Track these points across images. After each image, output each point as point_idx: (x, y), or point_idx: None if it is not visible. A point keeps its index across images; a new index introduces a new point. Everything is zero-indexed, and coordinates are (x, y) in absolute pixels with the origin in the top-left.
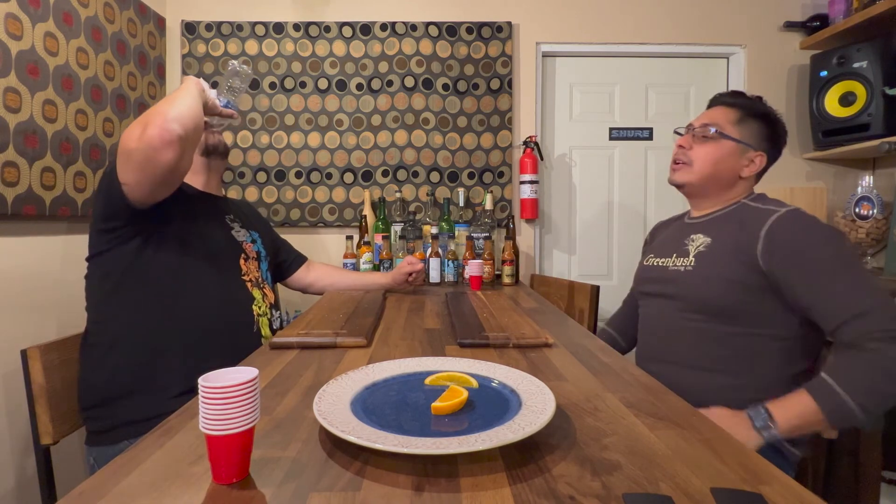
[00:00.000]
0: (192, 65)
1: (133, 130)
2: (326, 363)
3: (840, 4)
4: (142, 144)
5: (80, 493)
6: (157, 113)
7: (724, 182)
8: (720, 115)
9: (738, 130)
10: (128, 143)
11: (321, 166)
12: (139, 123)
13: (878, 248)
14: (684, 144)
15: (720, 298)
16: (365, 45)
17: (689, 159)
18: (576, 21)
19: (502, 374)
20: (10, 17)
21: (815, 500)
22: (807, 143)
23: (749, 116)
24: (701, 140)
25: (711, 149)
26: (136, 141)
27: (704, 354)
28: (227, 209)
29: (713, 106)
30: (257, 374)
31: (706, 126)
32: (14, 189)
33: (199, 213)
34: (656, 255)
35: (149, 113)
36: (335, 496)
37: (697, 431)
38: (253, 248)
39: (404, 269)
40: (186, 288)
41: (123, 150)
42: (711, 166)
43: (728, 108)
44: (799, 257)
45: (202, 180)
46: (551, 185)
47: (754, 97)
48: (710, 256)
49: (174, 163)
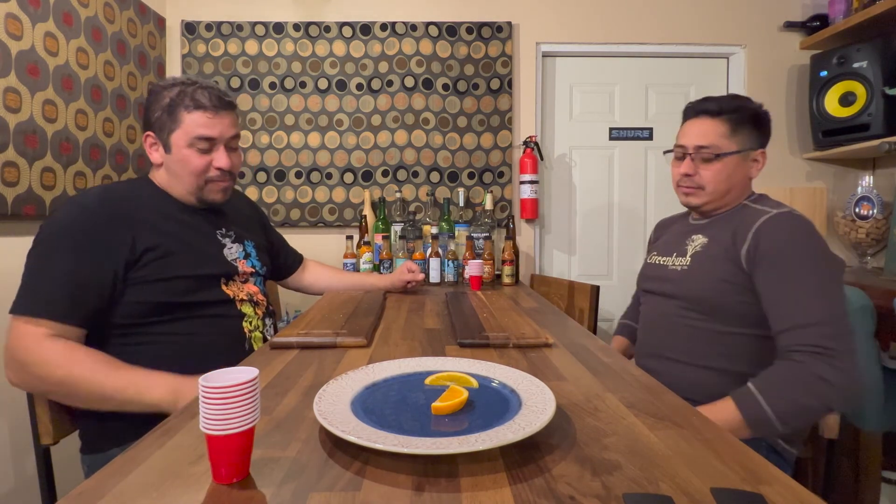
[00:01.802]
0: (191, 65)
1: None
2: (326, 363)
3: (840, 4)
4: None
5: (80, 493)
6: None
7: (737, 190)
8: (710, 131)
9: (734, 142)
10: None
11: (321, 166)
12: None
13: (878, 248)
14: (690, 172)
15: (713, 298)
16: (365, 45)
17: (699, 184)
18: (576, 21)
19: (502, 374)
20: (10, 17)
21: (815, 500)
22: (807, 143)
23: (739, 123)
24: (703, 163)
25: (718, 167)
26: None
27: (701, 352)
28: (218, 223)
29: (696, 117)
30: (257, 374)
31: (702, 148)
32: (14, 189)
33: (185, 242)
34: (659, 254)
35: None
36: (335, 496)
37: (697, 431)
38: (247, 265)
39: (405, 276)
40: (173, 324)
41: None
42: (725, 183)
43: (713, 119)
44: (771, 259)
45: (191, 199)
46: (551, 185)
47: (733, 99)
48: (704, 257)
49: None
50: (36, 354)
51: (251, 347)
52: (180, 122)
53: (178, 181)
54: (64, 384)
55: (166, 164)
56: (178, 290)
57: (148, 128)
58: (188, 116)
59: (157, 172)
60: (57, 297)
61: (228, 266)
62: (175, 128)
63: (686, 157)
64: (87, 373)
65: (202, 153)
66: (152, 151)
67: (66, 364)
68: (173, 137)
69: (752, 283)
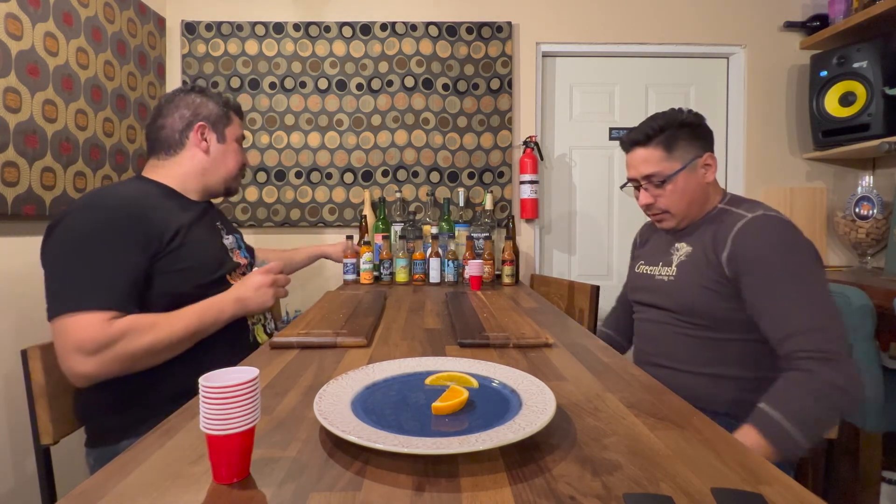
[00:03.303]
0: (191, 65)
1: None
2: (326, 363)
3: (840, 4)
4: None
5: (81, 493)
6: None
7: (700, 200)
8: (649, 159)
9: (675, 160)
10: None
11: (321, 166)
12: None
13: (878, 248)
14: (649, 201)
15: (701, 306)
16: (365, 45)
17: (662, 209)
18: (576, 21)
19: (502, 374)
20: (10, 17)
21: (815, 500)
22: (807, 143)
23: (671, 140)
24: (655, 189)
25: (671, 189)
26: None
27: (696, 359)
28: (214, 216)
29: (631, 149)
30: (257, 373)
31: (649, 177)
32: (14, 189)
33: (195, 231)
34: (646, 263)
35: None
36: (335, 496)
37: (698, 431)
38: (241, 255)
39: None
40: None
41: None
42: (684, 200)
43: (647, 147)
44: (754, 265)
45: (199, 189)
46: (551, 185)
47: (655, 120)
48: (689, 265)
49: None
50: (112, 335)
51: (254, 340)
52: (232, 121)
53: (219, 169)
54: (152, 347)
55: (214, 153)
56: (191, 282)
57: (201, 119)
58: (235, 118)
59: (170, 163)
60: (114, 287)
61: (232, 261)
62: (229, 124)
63: (640, 188)
64: (166, 327)
65: (241, 149)
66: (200, 140)
67: (146, 329)
68: (228, 132)
69: (737, 289)
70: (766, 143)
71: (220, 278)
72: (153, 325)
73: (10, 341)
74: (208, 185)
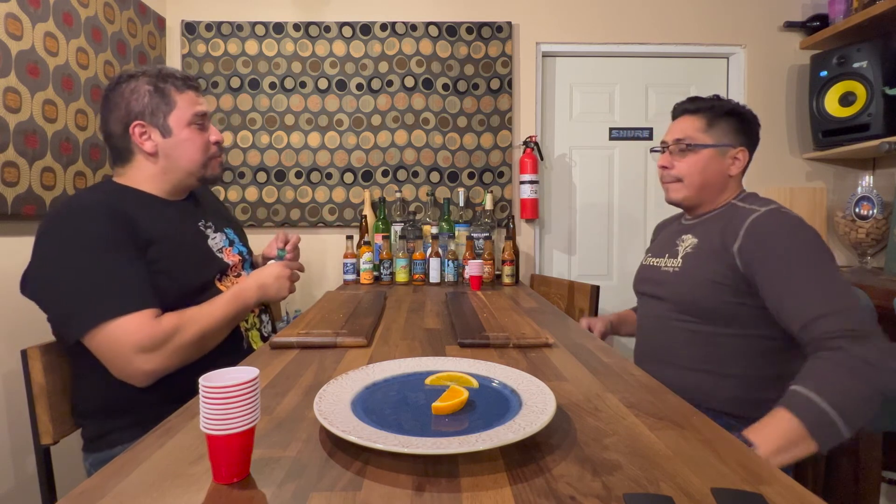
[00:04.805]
0: (191, 65)
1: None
2: (326, 363)
3: (840, 4)
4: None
5: (81, 493)
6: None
7: (716, 186)
8: (687, 126)
9: (709, 136)
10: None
11: (321, 166)
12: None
13: (878, 248)
14: (666, 164)
15: (705, 300)
16: (365, 45)
17: (676, 176)
18: (576, 21)
19: (502, 374)
20: (10, 17)
21: (815, 500)
22: (807, 143)
23: (716, 118)
24: (679, 155)
25: (693, 159)
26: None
27: (697, 355)
28: (197, 214)
29: (677, 117)
30: (257, 373)
31: (679, 141)
32: (14, 189)
33: (169, 244)
34: (653, 255)
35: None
36: (336, 496)
37: (698, 431)
38: (233, 252)
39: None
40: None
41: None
42: (699, 175)
43: (692, 116)
44: (769, 257)
45: (169, 189)
46: (551, 185)
47: (714, 97)
48: (695, 258)
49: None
50: (166, 330)
51: (249, 346)
52: (175, 104)
53: (179, 164)
54: (202, 338)
55: (164, 150)
56: (171, 295)
57: (134, 118)
58: (181, 96)
59: (130, 171)
60: (143, 287)
61: (220, 262)
62: (171, 109)
63: (665, 151)
64: (206, 317)
65: (201, 130)
66: (143, 141)
67: (190, 321)
68: (172, 119)
69: (746, 282)
70: (766, 143)
71: (205, 284)
72: (193, 317)
73: (10, 341)
74: (176, 184)
